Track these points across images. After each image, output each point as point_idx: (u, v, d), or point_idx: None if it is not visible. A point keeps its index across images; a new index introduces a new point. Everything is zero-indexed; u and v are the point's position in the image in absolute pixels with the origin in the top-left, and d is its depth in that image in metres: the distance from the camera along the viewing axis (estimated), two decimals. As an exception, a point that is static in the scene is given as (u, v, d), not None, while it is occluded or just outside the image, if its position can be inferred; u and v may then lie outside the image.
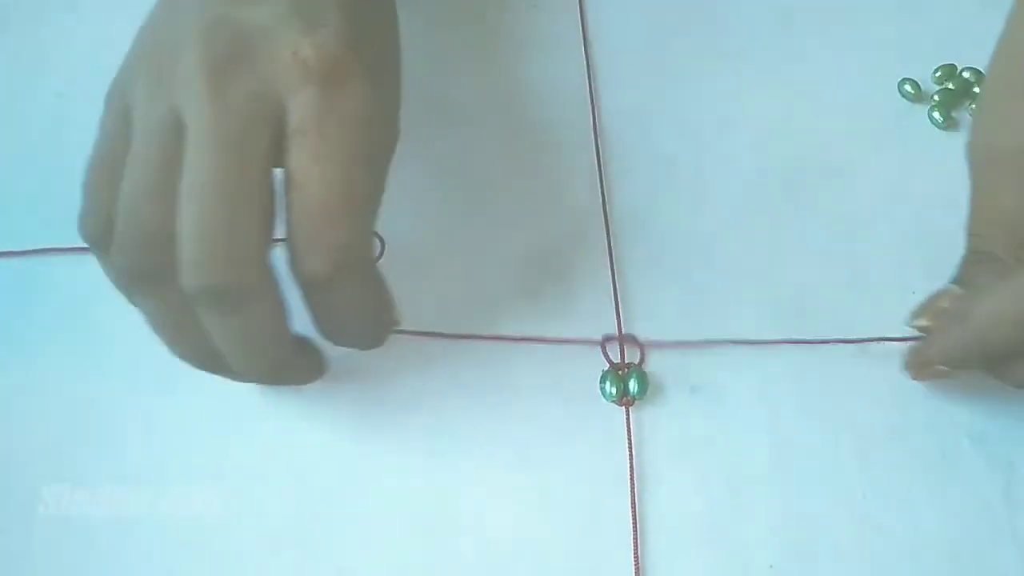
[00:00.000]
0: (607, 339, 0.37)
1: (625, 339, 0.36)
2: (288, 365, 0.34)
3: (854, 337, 0.38)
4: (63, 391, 0.37)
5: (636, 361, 0.37)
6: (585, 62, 0.43)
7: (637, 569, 0.34)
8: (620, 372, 0.36)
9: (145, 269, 0.30)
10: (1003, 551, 0.35)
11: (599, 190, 0.40)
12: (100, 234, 0.31)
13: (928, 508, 0.35)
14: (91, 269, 0.38)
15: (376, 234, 0.38)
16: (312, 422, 0.36)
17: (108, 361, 0.37)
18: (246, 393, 0.36)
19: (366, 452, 0.36)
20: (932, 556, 0.35)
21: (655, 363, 0.37)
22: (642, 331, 0.38)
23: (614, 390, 0.36)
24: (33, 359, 0.37)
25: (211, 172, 0.29)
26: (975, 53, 0.41)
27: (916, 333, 0.36)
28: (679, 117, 0.42)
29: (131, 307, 0.37)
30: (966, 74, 0.45)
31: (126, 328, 0.37)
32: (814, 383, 0.37)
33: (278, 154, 0.30)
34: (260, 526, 0.35)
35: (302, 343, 0.34)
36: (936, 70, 0.45)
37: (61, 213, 0.39)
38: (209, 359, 0.32)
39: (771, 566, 0.34)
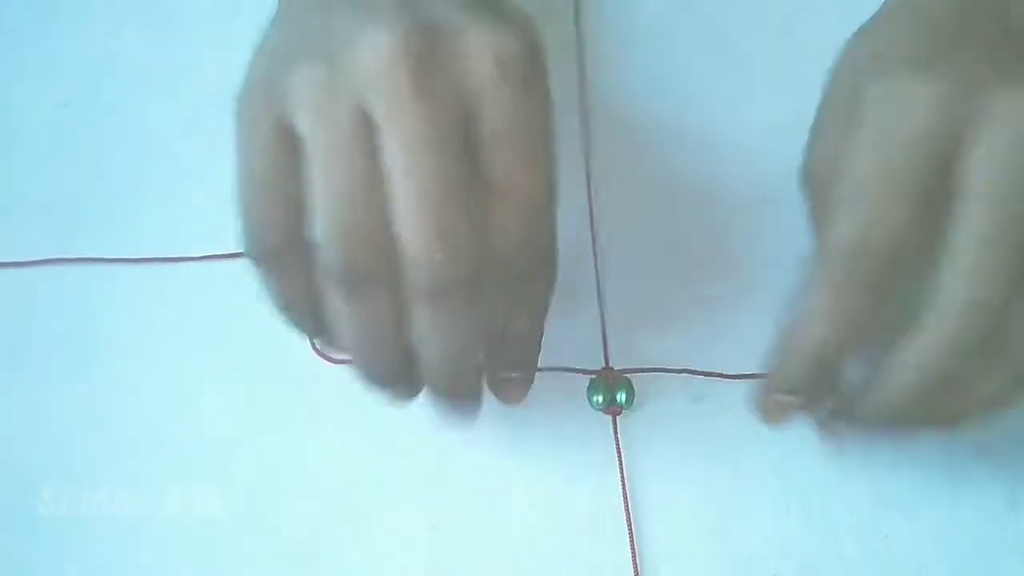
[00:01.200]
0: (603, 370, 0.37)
1: (615, 374, 0.37)
2: (473, 375, 0.33)
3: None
4: (64, 393, 0.37)
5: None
6: (580, 67, 0.43)
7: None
8: (609, 382, 0.36)
9: (365, 271, 0.29)
10: (1009, 562, 0.34)
11: (587, 204, 0.40)
12: (277, 250, 0.30)
13: (933, 518, 0.35)
14: (92, 277, 0.39)
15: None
16: (314, 428, 0.37)
17: (109, 364, 0.38)
18: (247, 397, 0.37)
19: (363, 457, 0.36)
20: (937, 566, 0.34)
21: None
22: (632, 347, 0.38)
23: (600, 399, 0.36)
24: (34, 363, 0.38)
25: (431, 171, 0.28)
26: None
27: None
28: (677, 122, 0.41)
29: (137, 316, 0.39)
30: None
31: (128, 334, 0.39)
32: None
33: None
34: (260, 529, 0.35)
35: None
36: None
37: (65, 223, 0.41)
38: (397, 371, 0.32)
39: (775, 575, 0.34)
